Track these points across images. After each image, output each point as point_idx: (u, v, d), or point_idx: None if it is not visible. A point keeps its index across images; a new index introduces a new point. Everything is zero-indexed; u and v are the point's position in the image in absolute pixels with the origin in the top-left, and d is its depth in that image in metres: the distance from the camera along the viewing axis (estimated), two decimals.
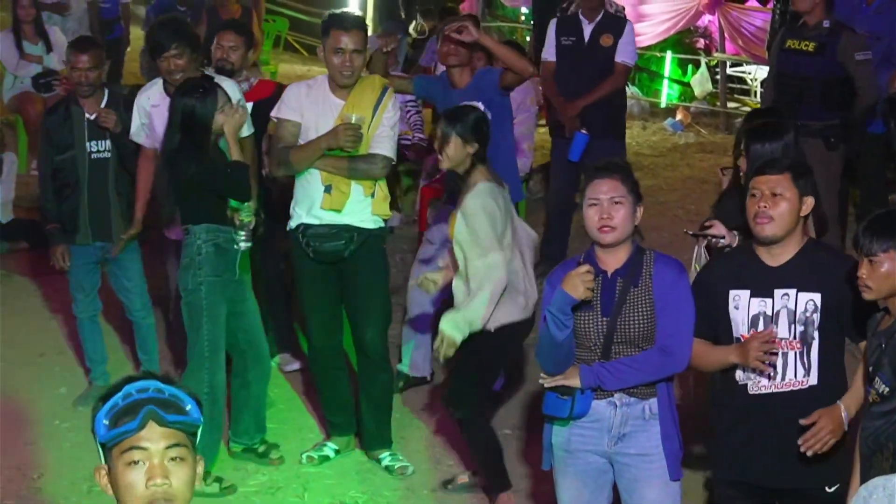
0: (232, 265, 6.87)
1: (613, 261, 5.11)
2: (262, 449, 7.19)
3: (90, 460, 7.11)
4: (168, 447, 2.95)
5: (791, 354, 5.03)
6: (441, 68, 9.02)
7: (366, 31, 6.97)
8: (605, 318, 5.08)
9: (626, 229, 5.08)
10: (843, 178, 9.25)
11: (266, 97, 7.79)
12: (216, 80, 7.00)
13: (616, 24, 9.63)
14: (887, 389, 4.59)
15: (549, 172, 10.32)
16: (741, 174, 6.15)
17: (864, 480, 4.62)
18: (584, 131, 9.36)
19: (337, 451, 7.27)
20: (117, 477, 2.98)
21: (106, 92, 7.78)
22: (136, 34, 15.16)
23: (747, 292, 5.07)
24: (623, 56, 9.60)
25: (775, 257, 5.06)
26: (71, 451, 7.34)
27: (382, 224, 7.04)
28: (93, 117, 7.60)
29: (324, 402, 7.34)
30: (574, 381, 5.08)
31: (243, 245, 6.85)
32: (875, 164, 10.08)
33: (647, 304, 5.06)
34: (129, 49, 14.26)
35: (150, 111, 7.47)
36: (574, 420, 5.16)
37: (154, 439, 2.94)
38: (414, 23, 15.41)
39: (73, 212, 7.69)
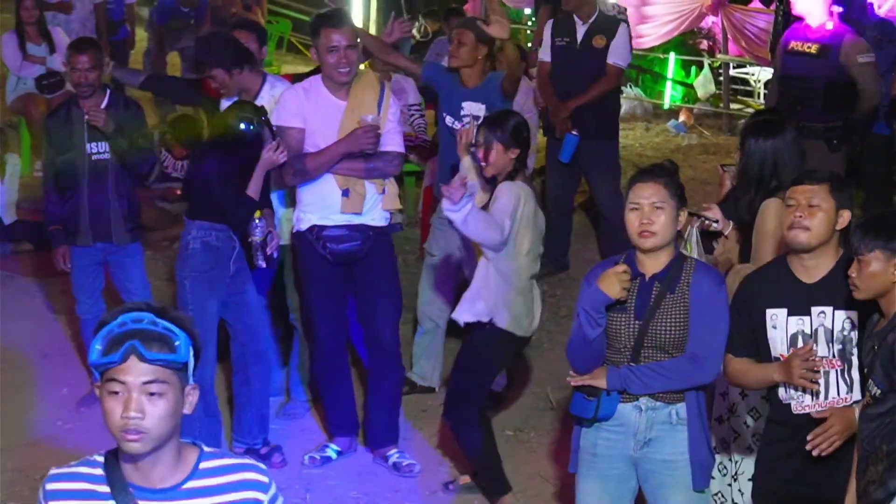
0: (224, 261, 6.91)
1: (653, 265, 5.09)
2: (264, 451, 7.18)
3: None
4: (146, 382, 3.10)
5: (832, 373, 4.95)
6: None
7: (352, 23, 6.95)
8: (637, 322, 5.06)
9: (667, 235, 5.04)
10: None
11: None
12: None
13: (610, 25, 9.60)
14: (879, 391, 4.57)
15: (545, 174, 10.31)
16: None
17: (858, 483, 4.62)
18: (574, 132, 9.35)
19: (339, 452, 7.27)
20: (102, 400, 3.16)
21: (108, 93, 7.77)
22: (140, 35, 15.16)
23: (784, 311, 5.00)
24: (615, 58, 9.55)
25: (810, 273, 4.98)
26: (74, 451, 7.34)
27: (391, 218, 7.05)
28: (85, 116, 7.61)
29: (327, 403, 7.34)
30: (600, 382, 5.07)
31: (259, 264, 6.96)
32: (879, 166, 10.09)
33: (682, 312, 5.03)
34: (132, 51, 14.23)
35: None
36: (599, 422, 5.14)
37: (133, 373, 3.09)
38: (416, 24, 15.41)
39: (74, 213, 7.69)
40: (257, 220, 6.85)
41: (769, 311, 5.02)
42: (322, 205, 6.89)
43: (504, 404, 7.83)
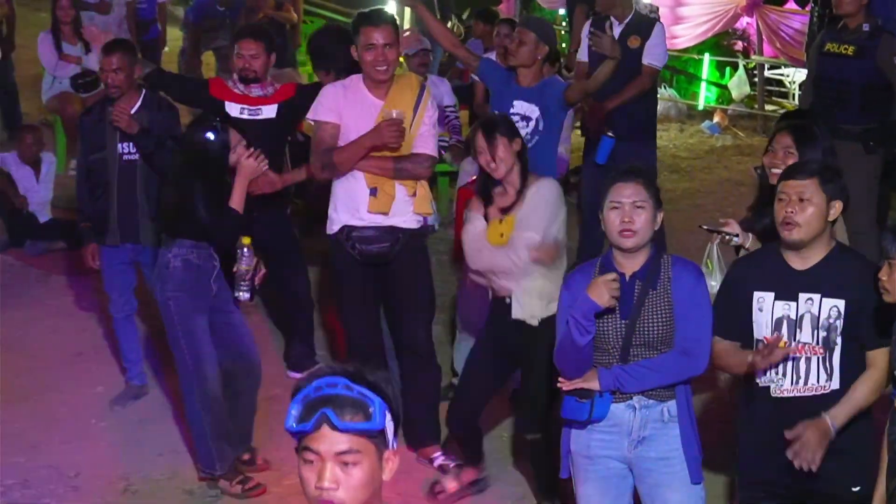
0: (205, 280, 6.80)
1: (632, 264, 5.12)
2: (247, 457, 7.12)
3: (126, 459, 7.22)
4: (340, 453, 2.95)
5: (814, 359, 5.02)
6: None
7: (396, 25, 6.94)
8: (623, 321, 5.09)
9: (647, 234, 5.09)
10: (882, 182, 9.19)
11: (288, 98, 7.87)
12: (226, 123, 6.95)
13: (645, 25, 9.52)
14: None
15: (582, 175, 10.28)
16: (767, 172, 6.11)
17: (888, 485, 4.62)
18: (610, 134, 9.31)
19: None
20: (298, 467, 3.00)
21: (142, 94, 7.78)
22: (174, 35, 15.20)
23: (772, 295, 5.06)
24: (650, 58, 9.47)
25: (802, 261, 5.04)
26: (107, 450, 7.38)
27: (423, 222, 7.03)
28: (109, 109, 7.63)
29: None
30: (593, 384, 5.10)
31: (242, 296, 6.84)
32: None
33: (666, 307, 5.07)
34: (166, 50, 14.28)
35: None
36: (593, 423, 5.16)
37: (326, 442, 2.95)
38: (450, 24, 15.41)
39: (104, 212, 7.71)
40: (245, 249, 6.74)
41: (756, 294, 5.08)
42: (351, 203, 6.89)
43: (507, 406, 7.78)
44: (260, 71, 7.86)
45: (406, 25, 16.37)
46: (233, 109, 7.76)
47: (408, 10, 16.65)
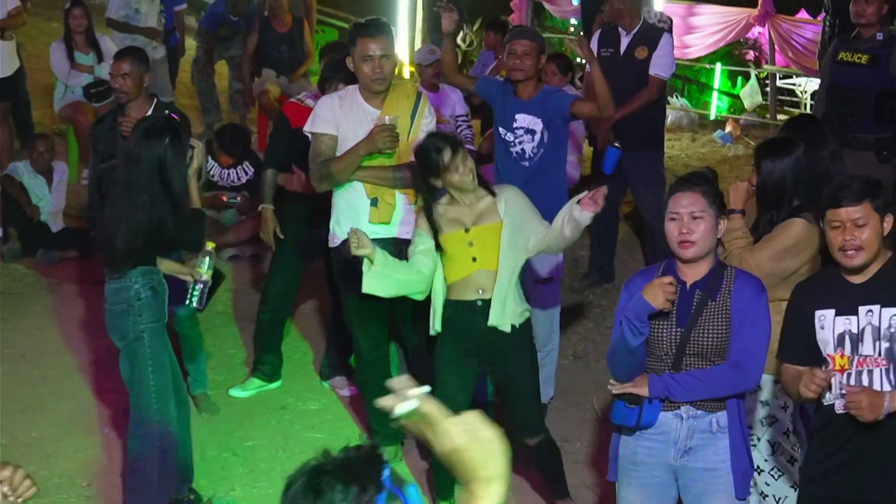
0: (165, 306, 6.58)
1: (693, 273, 5.10)
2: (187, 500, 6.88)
3: None
4: None
5: (877, 371, 4.93)
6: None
7: (392, 35, 6.92)
8: (679, 329, 5.06)
9: (707, 244, 5.06)
10: (895, 191, 9.16)
11: None
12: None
13: (652, 35, 9.53)
14: None
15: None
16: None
17: None
18: (616, 145, 9.30)
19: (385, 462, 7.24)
20: None
21: (153, 102, 7.78)
22: (188, 44, 15.21)
23: (832, 311, 4.99)
24: (657, 69, 9.47)
25: (863, 274, 4.98)
26: (120, 459, 7.37)
27: None
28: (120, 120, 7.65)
29: (371, 413, 7.33)
30: (642, 390, 5.08)
31: (195, 303, 6.65)
32: None
33: (724, 319, 5.03)
34: (182, 58, 14.29)
35: None
36: (641, 430, 5.15)
37: None
38: (462, 34, 15.40)
39: None
40: (207, 257, 6.61)
41: (818, 313, 5.02)
42: (352, 214, 6.87)
43: (550, 415, 7.80)
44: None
45: (418, 32, 16.43)
46: None
47: (419, 17, 16.69)
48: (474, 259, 6.35)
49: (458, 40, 15.26)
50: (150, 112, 7.68)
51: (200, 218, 6.66)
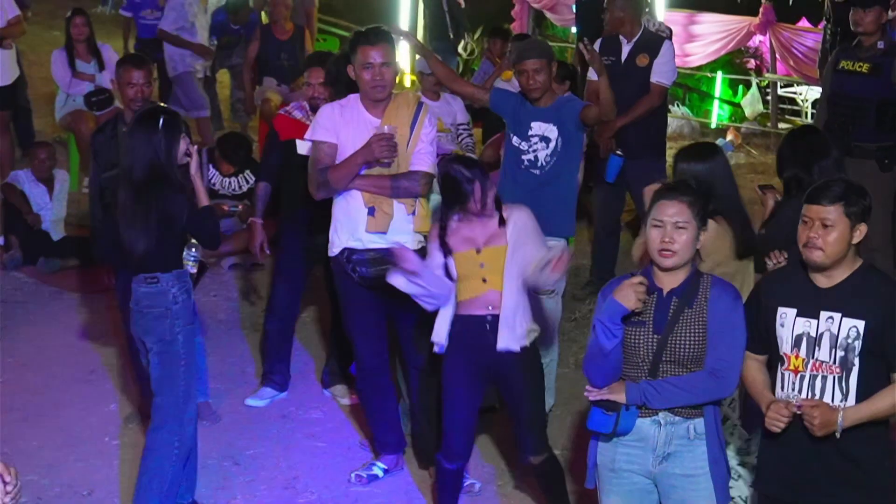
0: (195, 310, 6.71)
1: (670, 280, 5.11)
2: None
3: None
4: None
5: (830, 378, 4.98)
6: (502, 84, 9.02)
7: (393, 43, 6.91)
8: (656, 336, 5.07)
9: (687, 254, 5.08)
10: None
11: None
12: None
13: (653, 43, 9.53)
14: None
15: (593, 193, 10.27)
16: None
17: None
18: (618, 153, 9.30)
19: (386, 471, 7.26)
20: None
21: None
22: None
23: (794, 311, 5.04)
24: (658, 76, 9.48)
25: (827, 279, 5.01)
26: (121, 468, 7.36)
27: (424, 241, 6.99)
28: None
29: (372, 421, 7.32)
30: (619, 397, 5.09)
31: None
32: None
33: (700, 326, 5.05)
34: None
35: None
36: (618, 437, 5.16)
37: None
38: (463, 43, 15.42)
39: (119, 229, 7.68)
40: (193, 250, 6.62)
41: (780, 310, 5.07)
42: (350, 224, 6.85)
43: (552, 423, 7.78)
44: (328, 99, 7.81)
45: (419, 32, 16.42)
46: (303, 147, 7.68)
47: (420, 25, 16.70)
48: (484, 280, 6.35)
49: (459, 49, 15.29)
50: None
51: (212, 214, 6.68)
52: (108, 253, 7.64)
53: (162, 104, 6.99)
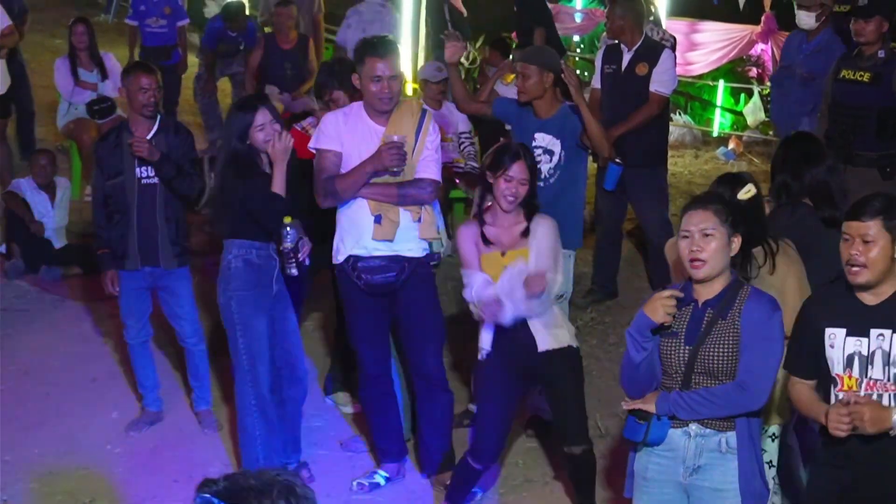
0: (267, 280, 6.96)
1: (707, 291, 5.08)
2: (293, 467, 7.21)
3: (142, 486, 7.20)
4: None
5: (885, 396, 4.89)
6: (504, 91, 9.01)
7: (399, 54, 6.91)
8: (687, 347, 5.05)
9: (718, 262, 5.03)
10: None
11: None
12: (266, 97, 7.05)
13: (653, 52, 9.54)
14: None
15: (595, 201, 10.28)
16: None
17: None
18: (617, 161, 9.31)
19: (388, 479, 7.26)
20: None
21: (157, 118, 7.78)
22: (193, 60, 15.24)
23: (843, 331, 4.94)
24: (657, 85, 9.48)
25: (873, 296, 4.93)
26: (123, 476, 7.36)
27: (429, 248, 7.00)
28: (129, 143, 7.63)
29: (374, 429, 7.33)
30: (650, 407, 5.09)
31: (291, 272, 6.88)
32: None
33: (732, 338, 5.01)
34: (184, 75, 14.32)
35: None
36: (649, 446, 5.15)
37: None
38: (465, 52, 15.41)
39: (123, 237, 7.68)
40: (288, 228, 6.77)
41: (828, 331, 4.97)
42: (356, 232, 6.86)
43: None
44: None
45: (421, 50, 16.44)
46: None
47: (422, 33, 16.70)
48: None
49: (461, 58, 15.28)
50: (155, 128, 7.70)
51: (276, 200, 6.77)
52: (111, 259, 7.68)
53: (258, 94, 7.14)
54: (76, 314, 9.87)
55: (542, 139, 7.69)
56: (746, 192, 5.75)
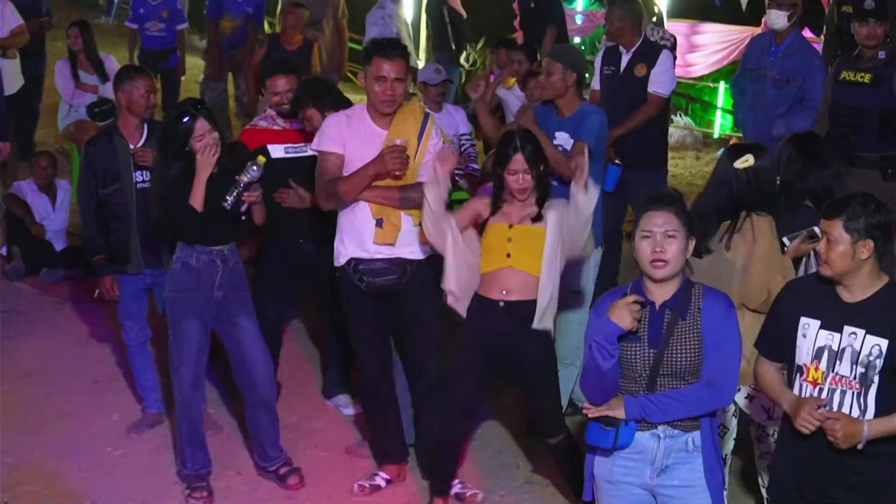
0: (206, 284, 6.94)
1: (662, 293, 5.10)
2: (282, 471, 7.28)
3: (142, 488, 7.19)
4: None
5: (849, 393, 4.97)
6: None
7: (408, 59, 6.91)
8: (652, 350, 5.06)
9: (679, 263, 5.07)
10: None
11: None
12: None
13: (651, 53, 9.54)
14: None
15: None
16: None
17: None
18: (616, 162, 9.29)
19: (388, 481, 7.25)
20: None
21: (146, 124, 7.74)
22: (191, 63, 15.25)
23: (818, 323, 5.02)
24: (656, 86, 9.47)
25: (851, 294, 5.00)
26: (124, 478, 7.36)
27: (431, 252, 6.99)
28: (137, 146, 7.61)
29: (375, 432, 7.33)
30: (618, 412, 5.09)
31: (226, 202, 6.77)
32: None
33: (695, 338, 5.04)
34: (183, 77, 14.32)
35: None
36: (617, 451, 5.15)
37: None
38: (465, 53, 15.42)
39: (124, 242, 7.65)
40: (255, 166, 6.75)
41: (803, 320, 5.06)
42: (357, 235, 6.85)
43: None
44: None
45: (422, 52, 16.44)
46: (276, 151, 7.75)
47: (422, 35, 16.70)
48: (508, 255, 6.42)
49: (462, 60, 15.29)
50: (146, 134, 7.67)
51: (188, 215, 6.78)
52: (108, 265, 7.66)
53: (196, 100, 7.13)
54: (77, 316, 9.86)
55: (561, 137, 7.68)
56: (744, 162, 5.99)
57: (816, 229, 5.98)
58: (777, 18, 9.51)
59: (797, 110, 9.29)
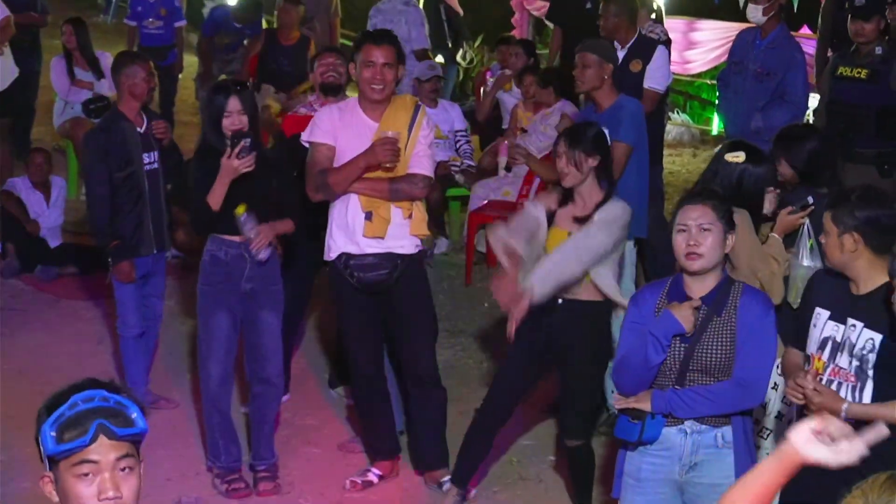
0: (235, 278, 6.93)
1: (700, 288, 5.07)
2: (264, 473, 7.18)
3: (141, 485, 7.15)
4: (118, 458, 3.02)
5: (845, 385, 4.94)
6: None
7: (399, 48, 6.90)
8: (683, 345, 5.04)
9: (714, 257, 5.03)
10: None
11: None
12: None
13: (647, 49, 9.51)
14: None
15: None
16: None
17: None
18: None
19: (381, 477, 7.24)
20: (67, 488, 3.02)
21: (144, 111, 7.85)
22: (188, 60, 15.25)
23: (827, 314, 5.02)
24: (651, 82, 9.41)
25: (857, 286, 4.99)
26: None
27: (421, 245, 6.98)
28: (142, 130, 7.68)
29: (367, 427, 7.31)
30: (645, 405, 5.06)
31: (261, 257, 6.86)
32: None
33: (728, 335, 5.01)
34: (180, 75, 14.32)
35: None
36: (643, 445, 5.12)
37: (104, 452, 3.00)
38: (462, 51, 15.42)
39: (137, 225, 7.72)
40: (241, 220, 6.76)
41: (817, 310, 5.07)
42: (346, 229, 6.84)
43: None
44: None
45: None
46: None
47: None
48: None
49: (458, 58, 15.29)
50: (146, 119, 7.81)
51: (203, 212, 6.79)
52: (125, 250, 7.67)
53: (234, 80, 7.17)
54: (72, 313, 9.85)
55: None
56: (734, 157, 5.93)
57: (810, 199, 5.98)
58: (753, 12, 9.50)
59: (776, 104, 9.25)
